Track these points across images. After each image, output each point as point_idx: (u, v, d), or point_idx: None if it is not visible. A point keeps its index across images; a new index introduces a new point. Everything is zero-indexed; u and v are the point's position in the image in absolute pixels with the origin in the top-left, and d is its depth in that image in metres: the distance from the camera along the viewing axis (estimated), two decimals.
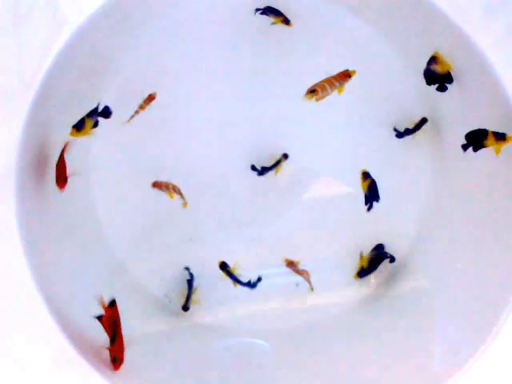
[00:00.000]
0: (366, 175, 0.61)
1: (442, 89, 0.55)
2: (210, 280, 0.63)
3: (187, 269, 0.61)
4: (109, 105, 0.58)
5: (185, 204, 0.61)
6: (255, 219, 0.63)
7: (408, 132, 0.60)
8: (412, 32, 0.55)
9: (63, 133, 0.55)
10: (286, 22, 0.59)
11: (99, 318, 0.51)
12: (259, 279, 0.60)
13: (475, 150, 0.53)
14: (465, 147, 0.54)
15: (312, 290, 0.61)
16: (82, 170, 0.60)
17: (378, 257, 0.62)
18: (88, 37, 0.51)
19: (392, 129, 0.61)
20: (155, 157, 0.62)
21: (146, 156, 0.62)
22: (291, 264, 0.60)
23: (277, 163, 0.61)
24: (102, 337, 0.52)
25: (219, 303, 0.63)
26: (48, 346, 0.55)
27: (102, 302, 0.52)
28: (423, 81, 0.57)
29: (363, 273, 0.62)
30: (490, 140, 0.51)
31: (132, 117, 0.59)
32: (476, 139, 0.52)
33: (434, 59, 0.54)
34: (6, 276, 0.54)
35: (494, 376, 0.53)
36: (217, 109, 0.62)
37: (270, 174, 0.62)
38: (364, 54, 0.60)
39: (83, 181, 0.60)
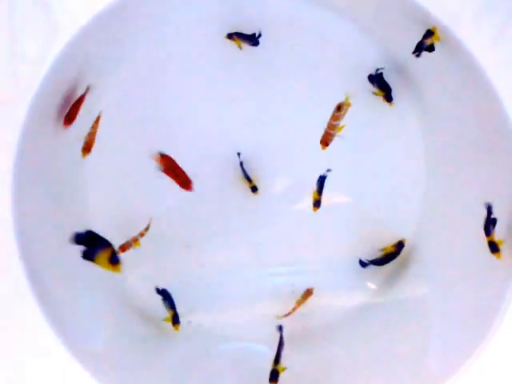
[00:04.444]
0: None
1: (418, 55, 0.55)
2: (208, 286, 0.63)
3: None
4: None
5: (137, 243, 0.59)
6: (253, 225, 0.64)
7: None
8: (403, 35, 0.56)
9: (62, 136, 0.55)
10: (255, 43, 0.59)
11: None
12: None
13: None
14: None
15: None
16: (79, 174, 0.61)
17: (394, 254, 0.62)
18: (82, 46, 0.51)
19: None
20: (152, 164, 0.62)
21: (142, 163, 0.62)
22: None
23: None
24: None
25: (218, 308, 0.63)
26: (45, 353, 0.55)
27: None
28: None
29: (380, 261, 0.62)
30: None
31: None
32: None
33: (429, 33, 0.53)
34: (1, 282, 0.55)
35: (491, 377, 0.52)
36: (214, 118, 0.62)
37: (268, 181, 0.63)
38: (351, 56, 0.61)
39: (79, 187, 0.61)
